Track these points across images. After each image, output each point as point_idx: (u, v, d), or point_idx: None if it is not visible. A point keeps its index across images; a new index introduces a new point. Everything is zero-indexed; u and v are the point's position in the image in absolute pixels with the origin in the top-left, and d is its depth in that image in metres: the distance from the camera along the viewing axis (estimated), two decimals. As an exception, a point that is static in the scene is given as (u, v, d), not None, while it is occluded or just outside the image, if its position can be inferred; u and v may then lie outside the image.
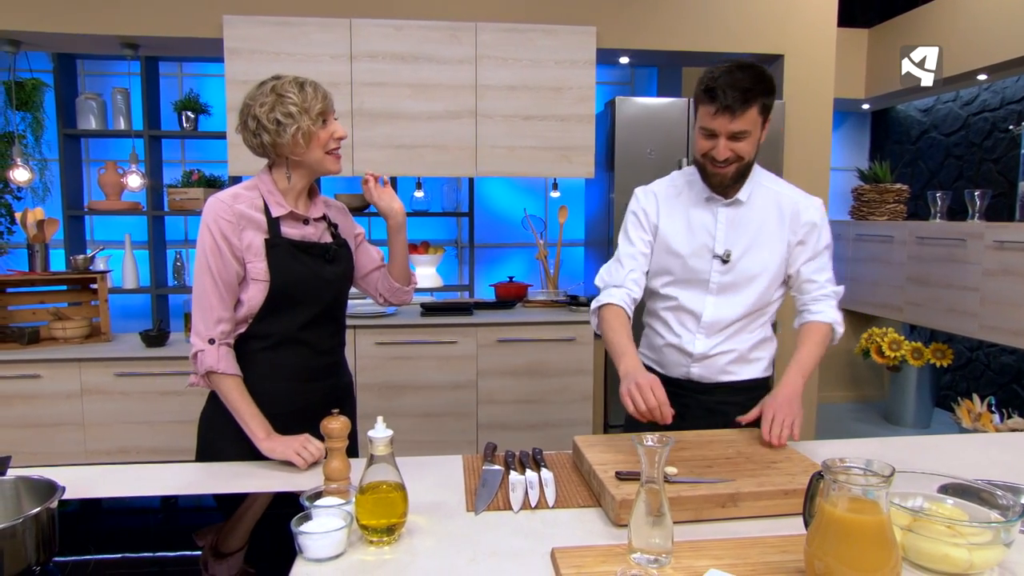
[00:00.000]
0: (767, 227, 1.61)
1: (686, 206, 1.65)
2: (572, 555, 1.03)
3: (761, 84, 1.48)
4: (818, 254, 1.61)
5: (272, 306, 1.48)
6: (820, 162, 3.64)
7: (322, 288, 1.52)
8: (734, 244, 1.60)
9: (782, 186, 1.66)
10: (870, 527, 0.88)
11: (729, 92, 1.44)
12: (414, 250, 3.82)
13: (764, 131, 1.56)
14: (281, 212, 1.49)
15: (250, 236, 1.46)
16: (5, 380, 2.96)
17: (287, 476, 1.37)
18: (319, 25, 3.18)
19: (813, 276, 1.61)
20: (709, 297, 1.63)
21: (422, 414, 3.26)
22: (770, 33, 3.54)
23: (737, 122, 1.47)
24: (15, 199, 3.85)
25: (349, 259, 1.63)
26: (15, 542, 0.91)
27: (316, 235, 1.55)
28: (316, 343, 1.54)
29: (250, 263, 1.46)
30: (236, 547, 1.12)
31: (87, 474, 1.39)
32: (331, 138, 1.49)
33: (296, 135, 1.43)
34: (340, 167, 1.52)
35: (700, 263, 1.62)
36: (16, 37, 3.28)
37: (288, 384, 1.52)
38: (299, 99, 1.43)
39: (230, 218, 1.44)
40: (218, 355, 1.44)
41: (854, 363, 4.74)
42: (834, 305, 1.63)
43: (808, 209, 1.61)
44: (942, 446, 1.62)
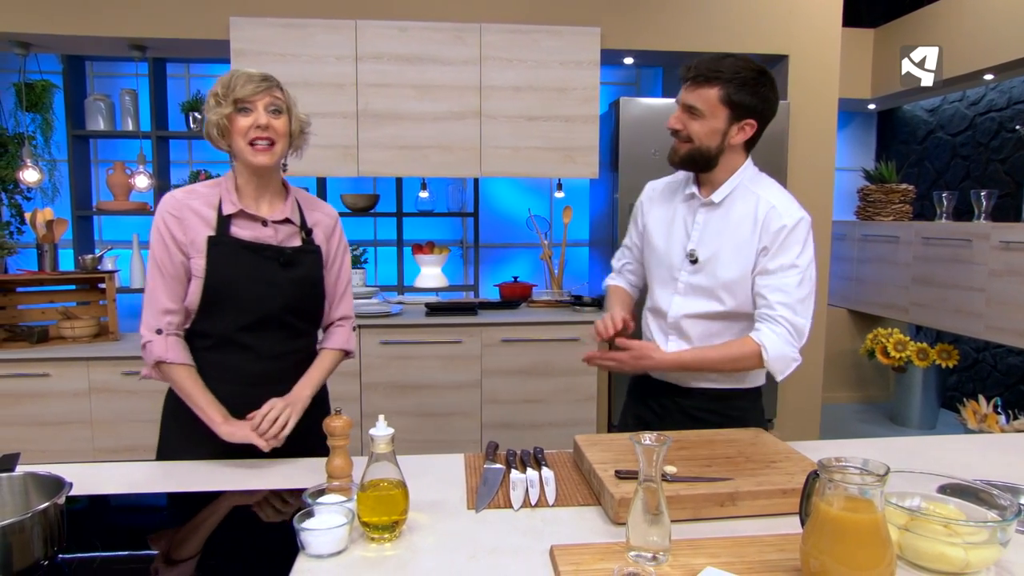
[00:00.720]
0: (740, 232, 1.53)
1: (676, 202, 1.65)
2: (571, 552, 1.04)
3: (733, 74, 1.44)
4: (778, 269, 1.48)
5: (209, 304, 1.45)
6: (825, 163, 3.63)
7: (268, 291, 1.47)
8: (705, 246, 1.57)
9: (771, 192, 1.54)
10: (865, 526, 0.88)
11: (696, 67, 1.47)
12: (419, 250, 3.84)
13: (736, 131, 1.50)
14: (231, 210, 1.46)
15: (195, 232, 1.44)
16: (15, 379, 3.00)
17: (289, 473, 1.39)
18: (325, 26, 3.20)
19: (764, 292, 1.48)
20: (676, 297, 1.61)
21: (426, 413, 3.28)
22: (774, 33, 3.54)
23: (691, 95, 1.48)
24: (25, 199, 3.89)
25: (314, 265, 1.54)
26: (23, 537, 0.93)
27: (275, 238, 1.50)
28: (260, 347, 1.48)
29: (192, 259, 1.44)
30: (238, 543, 1.14)
31: (94, 471, 1.41)
32: (251, 127, 1.40)
33: (214, 126, 1.41)
34: (264, 160, 1.42)
35: (674, 260, 1.62)
36: (26, 40, 3.32)
37: (232, 387, 1.48)
38: (222, 88, 1.40)
39: (176, 212, 1.44)
40: (166, 345, 1.44)
41: (859, 364, 4.73)
42: (781, 333, 1.46)
43: (782, 216, 1.48)
44: (944, 447, 1.62)
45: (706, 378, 1.63)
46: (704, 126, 1.49)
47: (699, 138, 1.50)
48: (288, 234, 1.53)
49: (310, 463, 1.43)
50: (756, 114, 1.50)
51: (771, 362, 1.47)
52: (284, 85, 1.49)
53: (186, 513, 1.23)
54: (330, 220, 1.62)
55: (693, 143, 1.51)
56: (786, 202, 1.53)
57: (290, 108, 1.48)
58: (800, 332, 1.48)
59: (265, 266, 1.47)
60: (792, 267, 1.48)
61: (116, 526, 1.21)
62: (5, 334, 3.14)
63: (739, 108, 1.47)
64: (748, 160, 1.60)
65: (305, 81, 3.22)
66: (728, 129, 1.50)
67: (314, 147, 3.24)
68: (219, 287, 1.44)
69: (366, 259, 4.06)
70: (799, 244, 1.49)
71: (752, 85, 1.47)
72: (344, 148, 3.28)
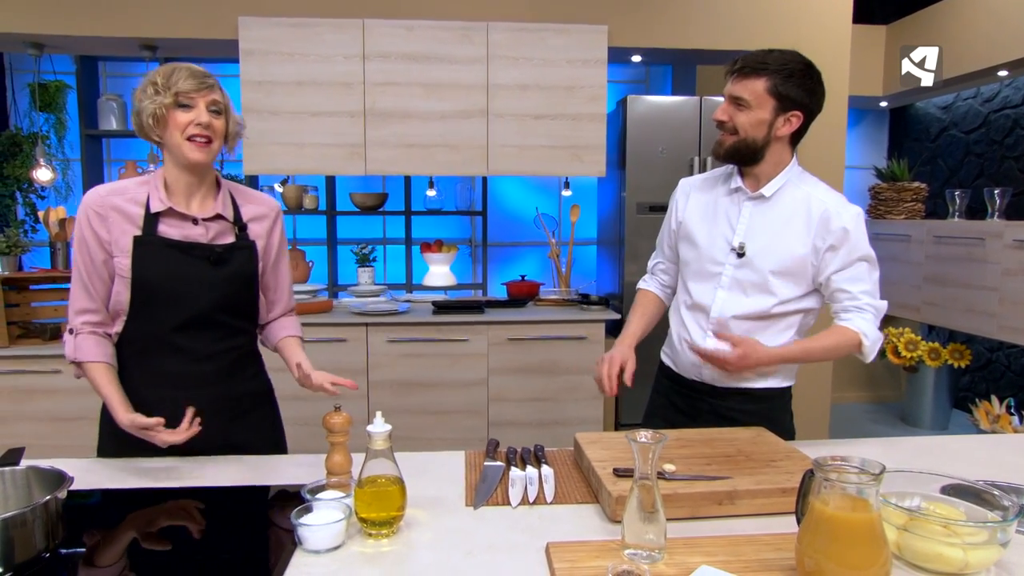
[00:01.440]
0: (791, 227, 1.54)
1: (716, 197, 1.64)
2: (566, 550, 1.04)
3: (780, 66, 1.47)
4: (851, 263, 1.51)
5: (138, 306, 1.42)
6: (834, 161, 3.60)
7: (198, 290, 1.43)
8: (753, 239, 1.56)
9: (819, 190, 1.57)
10: (860, 525, 0.88)
11: (744, 59, 1.49)
12: (427, 248, 3.85)
13: (783, 123, 1.50)
14: (159, 208, 1.42)
15: (119, 230, 1.40)
16: (28, 375, 3.03)
17: (290, 470, 1.40)
18: (332, 26, 3.22)
19: (845, 286, 1.52)
20: (720, 291, 1.59)
21: (433, 411, 3.29)
22: (782, 30, 3.51)
23: (738, 86, 1.49)
24: (39, 198, 3.94)
25: (247, 262, 1.50)
26: (24, 529, 0.94)
27: (206, 235, 1.46)
28: (193, 349, 1.45)
29: (116, 258, 1.40)
30: (238, 538, 1.15)
31: (97, 466, 1.43)
32: (191, 123, 1.37)
33: (148, 117, 1.37)
34: (201, 156, 1.39)
35: (717, 254, 1.60)
36: (39, 40, 3.36)
37: (166, 391, 1.44)
38: (162, 80, 1.36)
39: (98, 209, 1.40)
40: (75, 344, 1.41)
41: (870, 363, 4.67)
42: (870, 319, 1.52)
43: (841, 215, 1.51)
44: (953, 447, 1.60)
45: (742, 378, 1.62)
46: (750, 117, 1.50)
47: (745, 129, 1.51)
48: (219, 231, 1.48)
49: (311, 459, 1.44)
50: (802, 106, 1.50)
51: (870, 347, 1.52)
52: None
53: (188, 508, 1.24)
54: (270, 212, 1.57)
55: (739, 135, 1.52)
56: (839, 200, 1.56)
57: (228, 109, 1.46)
58: (882, 312, 1.55)
59: (195, 265, 1.43)
60: (862, 259, 1.53)
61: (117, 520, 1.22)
62: (19, 331, 3.18)
63: (786, 100, 1.48)
64: (795, 157, 1.59)
65: (313, 80, 3.23)
66: (774, 120, 1.50)
67: (322, 145, 3.29)
68: (146, 288, 1.41)
69: (375, 257, 4.07)
70: (863, 235, 1.54)
71: (799, 77, 1.48)
72: (351, 147, 3.30)
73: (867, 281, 1.53)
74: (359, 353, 3.22)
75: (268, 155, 3.28)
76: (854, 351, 1.53)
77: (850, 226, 1.51)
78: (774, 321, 1.59)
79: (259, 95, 3.22)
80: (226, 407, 1.50)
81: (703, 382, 1.65)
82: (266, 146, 3.26)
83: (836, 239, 1.51)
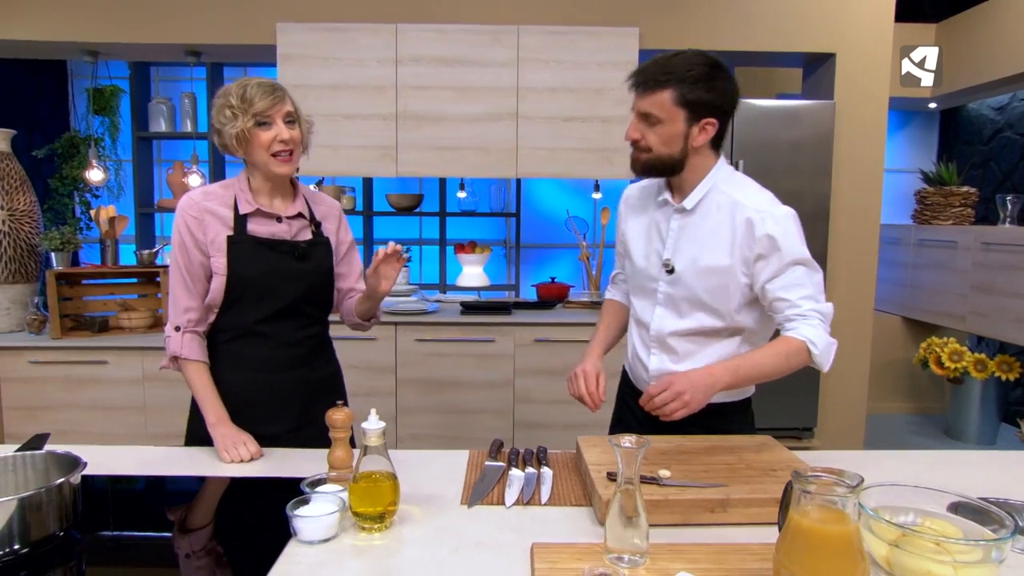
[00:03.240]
0: (716, 239, 1.46)
1: (652, 210, 1.57)
2: (550, 551, 1.05)
3: (684, 72, 1.36)
4: (784, 270, 1.42)
5: (232, 299, 1.53)
6: (873, 164, 3.50)
7: (285, 283, 1.55)
8: (680, 254, 1.50)
9: (746, 194, 1.47)
10: (836, 537, 0.87)
11: (644, 70, 1.40)
12: (461, 249, 3.90)
13: (697, 132, 1.41)
14: (248, 209, 1.54)
15: (214, 232, 1.52)
16: (77, 365, 3.20)
17: (297, 463, 1.45)
18: (367, 31, 3.30)
19: (782, 294, 1.43)
20: (657, 308, 1.55)
21: (459, 410, 3.33)
22: (821, 31, 3.43)
23: (644, 102, 1.40)
24: (94, 197, 4.15)
25: (325, 256, 1.63)
26: (39, 511, 1.01)
27: (289, 232, 1.58)
28: (279, 336, 1.57)
29: (213, 257, 1.52)
30: (238, 526, 1.20)
31: (114, 452, 1.51)
32: (274, 141, 1.48)
33: (232, 137, 1.47)
34: (288, 170, 1.51)
35: (652, 269, 1.55)
36: (94, 48, 3.55)
37: (251, 375, 1.57)
38: (237, 101, 1.45)
39: (195, 214, 1.52)
40: (182, 342, 1.53)
41: (913, 374, 4.52)
42: (816, 325, 1.41)
43: (765, 221, 1.41)
44: (986, 463, 1.53)
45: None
46: (662, 133, 1.40)
47: (657, 146, 1.42)
48: (300, 228, 1.61)
49: (317, 454, 1.48)
50: (715, 110, 1.40)
51: (819, 355, 1.40)
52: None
53: (193, 496, 1.30)
54: (335, 212, 1.70)
55: (652, 152, 1.43)
56: (767, 203, 1.45)
57: (299, 114, 1.54)
58: (828, 316, 1.44)
59: (282, 260, 1.55)
60: (796, 262, 1.43)
61: (129, 505, 1.29)
62: (71, 323, 3.35)
63: (696, 107, 1.38)
64: (720, 160, 1.50)
65: (347, 84, 3.32)
66: (688, 131, 1.41)
67: (355, 147, 3.37)
68: (240, 283, 1.52)
69: (410, 257, 4.15)
70: (794, 238, 1.43)
71: (706, 81, 1.38)
72: (383, 149, 3.37)
73: (807, 285, 1.43)
74: (388, 352, 3.29)
75: (303, 157, 3.36)
76: (805, 360, 1.42)
77: (776, 232, 1.41)
78: (713, 339, 1.52)
79: (296, 98, 3.28)
80: (302, 390, 1.62)
81: None
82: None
83: (763, 247, 1.42)
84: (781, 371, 1.42)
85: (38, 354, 3.21)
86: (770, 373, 1.41)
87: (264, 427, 1.54)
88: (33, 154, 3.91)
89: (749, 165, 3.36)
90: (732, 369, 1.38)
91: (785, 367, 1.41)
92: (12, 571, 0.98)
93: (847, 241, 3.53)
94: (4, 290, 3.39)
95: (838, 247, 3.52)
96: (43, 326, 3.30)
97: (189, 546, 1.11)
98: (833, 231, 3.49)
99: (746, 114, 3.35)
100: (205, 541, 1.13)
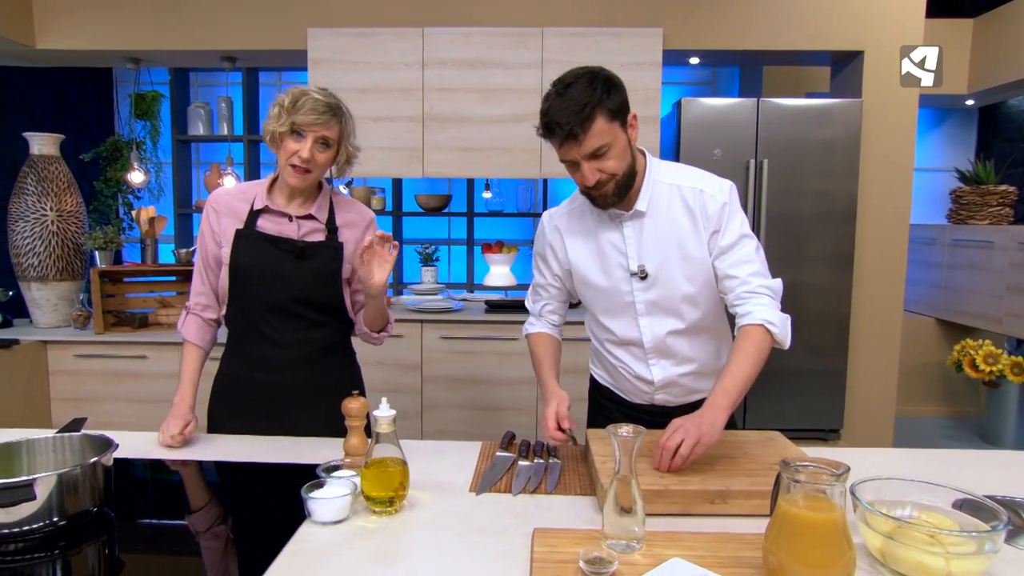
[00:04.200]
0: (679, 228, 1.46)
1: (594, 229, 1.53)
2: (550, 536, 1.09)
3: (595, 92, 1.31)
4: (733, 244, 1.43)
5: (235, 291, 1.60)
6: (902, 163, 3.44)
7: (279, 280, 1.56)
8: (649, 257, 1.48)
9: (685, 176, 1.48)
10: (821, 524, 0.89)
11: (563, 119, 1.31)
12: (488, 249, 3.96)
13: (631, 132, 1.41)
14: (259, 206, 1.60)
15: (227, 224, 1.60)
16: (119, 359, 3.35)
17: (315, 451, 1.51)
18: (394, 35, 3.38)
19: (732, 271, 1.43)
20: (642, 320, 1.52)
21: (482, 407, 3.38)
22: (848, 28, 3.39)
23: (586, 143, 1.33)
24: (136, 198, 4.32)
25: (330, 260, 1.61)
26: (76, 489, 1.09)
27: (297, 232, 1.60)
28: (276, 336, 1.59)
29: (223, 248, 1.60)
30: (258, 508, 1.27)
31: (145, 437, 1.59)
32: (295, 154, 1.50)
33: (269, 133, 1.53)
34: (297, 183, 1.53)
35: (620, 284, 1.51)
36: (136, 56, 3.70)
37: (254, 374, 1.62)
38: (288, 103, 1.49)
39: (216, 206, 1.62)
40: (185, 321, 1.66)
41: (947, 376, 4.42)
42: (767, 303, 1.39)
43: (715, 196, 1.43)
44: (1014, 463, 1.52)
45: (693, 393, 1.58)
46: (616, 155, 1.37)
47: (619, 169, 1.38)
48: (311, 230, 1.62)
49: (336, 442, 1.54)
50: (627, 104, 1.38)
51: (779, 333, 1.38)
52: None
53: (217, 479, 1.38)
54: (362, 221, 1.69)
55: (617, 175, 1.39)
56: (707, 179, 1.48)
57: (341, 140, 1.55)
58: (778, 292, 1.44)
59: (280, 257, 1.57)
60: (744, 236, 1.44)
61: (158, 486, 1.37)
62: (113, 319, 3.50)
63: (621, 112, 1.37)
64: (648, 155, 1.50)
65: (375, 87, 3.40)
66: (628, 136, 1.40)
67: (382, 149, 3.45)
68: (239, 274, 1.58)
69: (438, 257, 4.22)
70: (739, 212, 1.46)
71: (611, 83, 1.35)
72: (410, 150, 3.45)
73: (754, 261, 1.43)
74: (414, 349, 3.36)
75: (333, 159, 3.47)
76: (771, 344, 1.39)
77: (726, 200, 1.43)
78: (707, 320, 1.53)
79: (326, 102, 3.41)
80: (308, 393, 1.64)
81: (655, 405, 1.61)
82: (332, 150, 3.46)
83: (717, 222, 1.43)
84: (759, 367, 1.39)
85: (82, 348, 3.37)
86: (754, 375, 1.38)
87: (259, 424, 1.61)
88: (80, 157, 4.09)
89: (774, 165, 3.34)
90: (727, 392, 1.33)
91: (761, 362, 1.39)
92: (51, 541, 1.07)
93: (876, 242, 3.48)
94: (52, 287, 3.56)
95: (866, 248, 3.48)
96: (87, 322, 3.45)
97: (207, 525, 1.18)
98: (861, 231, 3.45)
99: (770, 114, 3.33)
100: (223, 521, 1.20)
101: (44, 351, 3.43)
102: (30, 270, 3.51)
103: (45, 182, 3.51)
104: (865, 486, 1.10)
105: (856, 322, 3.48)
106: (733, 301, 1.44)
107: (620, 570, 0.99)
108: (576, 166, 1.38)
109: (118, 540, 1.12)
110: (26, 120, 4.09)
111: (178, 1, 3.53)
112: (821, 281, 3.40)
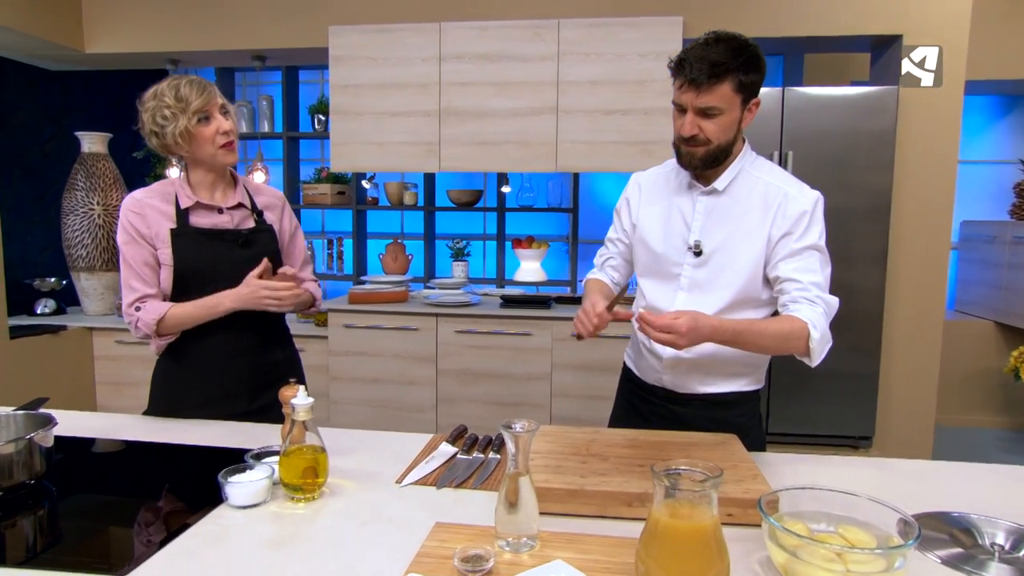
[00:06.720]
0: (748, 219, 1.46)
1: (670, 194, 1.56)
2: (446, 530, 1.08)
3: (737, 59, 1.35)
4: (801, 251, 1.42)
5: (181, 289, 1.60)
6: (946, 155, 3.20)
7: (234, 270, 1.60)
8: (710, 236, 1.49)
9: (775, 176, 1.49)
10: (688, 533, 0.84)
11: (696, 65, 1.34)
12: (519, 244, 3.95)
13: (747, 114, 1.43)
14: (188, 203, 1.61)
15: (156, 225, 1.59)
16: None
17: (255, 435, 1.54)
18: (412, 30, 3.41)
19: (794, 275, 1.41)
20: (680, 293, 1.52)
21: (496, 402, 3.38)
22: (885, 10, 3.18)
23: (704, 97, 1.36)
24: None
25: (270, 242, 1.69)
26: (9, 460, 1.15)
27: (231, 222, 1.65)
28: (230, 323, 1.61)
29: (159, 249, 1.59)
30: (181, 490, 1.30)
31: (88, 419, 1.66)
32: (217, 133, 1.56)
33: (175, 136, 1.54)
34: (234, 158, 1.60)
35: (674, 254, 1.52)
36: (175, 57, 3.89)
37: (209, 362, 1.64)
38: (174, 100, 1.52)
39: (136, 210, 1.59)
40: (148, 309, 1.56)
41: (1007, 384, 4.09)
42: (820, 313, 1.38)
43: (798, 200, 1.44)
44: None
45: (705, 382, 1.54)
46: (721, 124, 1.40)
47: (717, 137, 1.41)
48: (242, 218, 1.68)
49: (276, 429, 1.57)
50: (758, 90, 1.42)
51: (817, 342, 1.36)
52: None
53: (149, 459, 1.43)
54: (278, 201, 1.77)
55: (711, 143, 1.42)
56: (796, 185, 1.48)
57: (229, 105, 1.62)
58: (833, 310, 1.42)
59: (227, 249, 1.62)
60: (816, 248, 1.43)
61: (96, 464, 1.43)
62: (152, 307, 3.71)
63: (750, 91, 1.40)
64: (746, 144, 1.52)
65: (394, 82, 3.44)
66: (742, 116, 1.43)
67: (400, 143, 3.50)
68: (188, 272, 1.60)
69: (468, 252, 4.24)
70: (819, 224, 1.44)
71: (756, 62, 1.38)
72: (427, 145, 3.47)
73: (818, 273, 1.42)
74: (429, 342, 3.39)
75: (353, 153, 3.54)
76: (801, 345, 1.36)
77: (809, 209, 1.43)
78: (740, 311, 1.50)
79: (346, 98, 3.49)
80: (260, 374, 1.69)
81: (663, 387, 1.58)
82: (352, 145, 3.53)
83: (791, 225, 1.43)
84: (775, 351, 1.41)
85: (123, 335, 3.57)
86: (764, 349, 1.39)
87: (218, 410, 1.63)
88: (134, 155, 4.33)
89: (799, 157, 3.17)
90: (736, 332, 1.33)
91: (780, 348, 1.38)
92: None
93: (914, 238, 3.26)
94: (99, 277, 3.80)
95: (902, 245, 3.26)
96: (127, 309, 3.66)
97: (128, 503, 1.23)
98: (896, 228, 3.23)
99: (796, 103, 3.17)
100: (144, 500, 1.24)
101: (90, 337, 3.66)
102: (79, 261, 3.76)
103: (93, 178, 3.75)
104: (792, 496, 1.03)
105: (890, 323, 3.27)
106: (786, 301, 1.42)
107: (500, 569, 0.96)
108: (683, 112, 1.41)
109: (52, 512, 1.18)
110: (87, 120, 4.35)
111: (211, 3, 3.68)
112: (850, 279, 3.21)
